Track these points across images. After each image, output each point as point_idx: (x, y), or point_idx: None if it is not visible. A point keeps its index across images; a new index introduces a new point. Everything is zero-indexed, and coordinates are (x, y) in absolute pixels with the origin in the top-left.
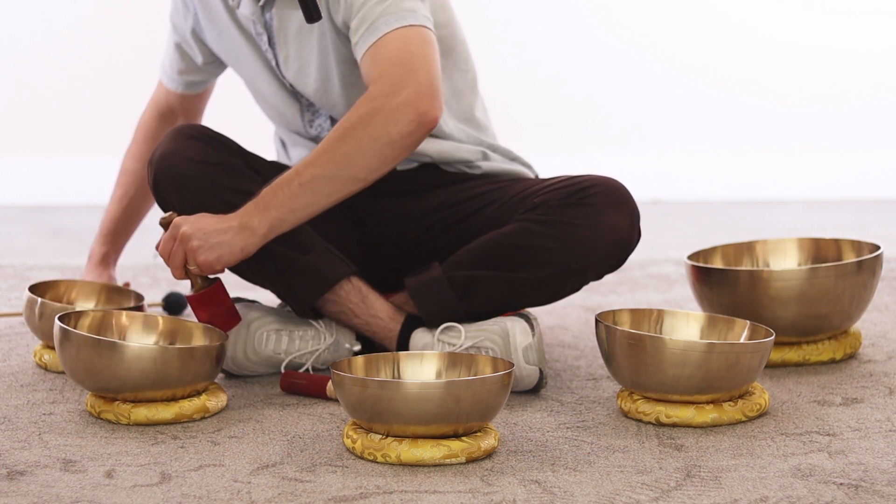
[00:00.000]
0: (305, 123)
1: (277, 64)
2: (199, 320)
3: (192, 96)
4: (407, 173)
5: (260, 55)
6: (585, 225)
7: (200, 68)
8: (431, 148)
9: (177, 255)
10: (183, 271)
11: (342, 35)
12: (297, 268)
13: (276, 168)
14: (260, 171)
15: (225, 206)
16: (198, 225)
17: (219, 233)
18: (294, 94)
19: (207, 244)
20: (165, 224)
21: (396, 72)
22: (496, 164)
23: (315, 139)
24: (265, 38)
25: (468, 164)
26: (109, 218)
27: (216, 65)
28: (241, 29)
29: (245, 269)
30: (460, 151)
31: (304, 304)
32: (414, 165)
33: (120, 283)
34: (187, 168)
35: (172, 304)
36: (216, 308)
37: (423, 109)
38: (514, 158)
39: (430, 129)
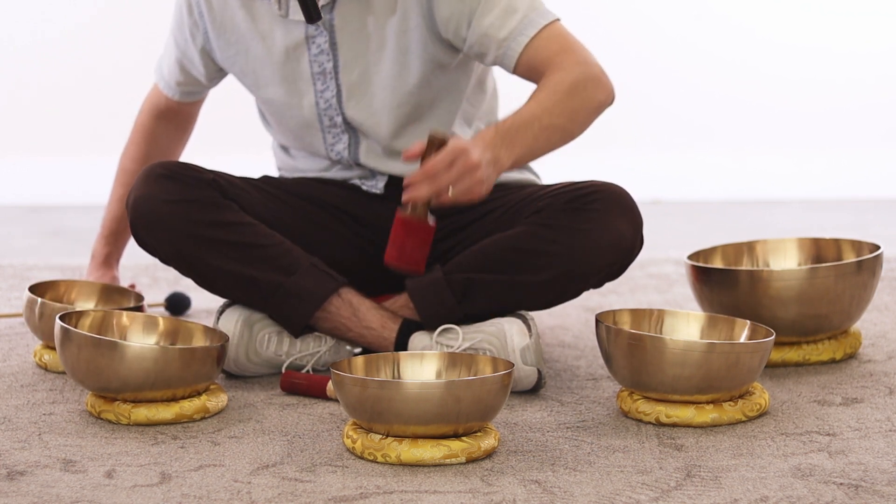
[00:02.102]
0: (327, 147)
1: (336, 67)
2: (390, 249)
3: (189, 102)
4: None
5: (293, 69)
6: (589, 230)
7: (201, 83)
8: None
9: (449, 180)
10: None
11: (439, 39)
12: (284, 291)
13: (254, 186)
14: (237, 197)
15: (202, 241)
16: (485, 157)
17: (487, 165)
18: (319, 113)
19: (485, 177)
20: (438, 142)
21: (577, 50)
22: (507, 173)
23: (336, 161)
24: (324, 41)
25: None
26: (110, 218)
27: (219, 79)
28: (269, 44)
29: (234, 296)
30: None
31: (296, 327)
32: None
33: (124, 284)
34: (161, 210)
35: (174, 304)
36: (417, 243)
37: (611, 86)
38: (523, 166)
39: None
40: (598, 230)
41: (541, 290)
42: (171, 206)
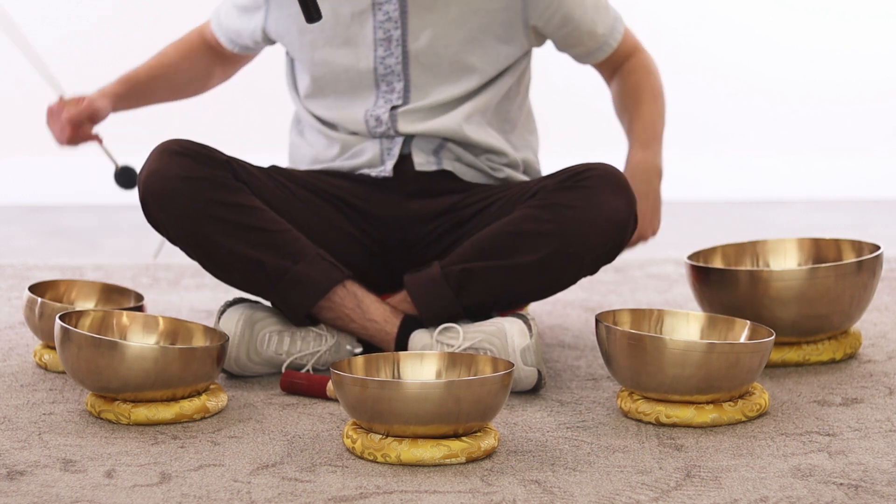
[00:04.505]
0: (368, 111)
1: (404, 35)
2: None
3: (242, 55)
4: (424, 175)
5: (356, 33)
6: (581, 207)
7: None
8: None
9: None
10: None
11: (525, 25)
12: (290, 278)
13: (265, 173)
14: (248, 182)
15: (212, 220)
16: (654, 217)
17: (657, 196)
18: (377, 79)
19: (658, 217)
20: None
21: (643, 52)
22: (516, 173)
23: (366, 129)
24: (393, 8)
25: (492, 157)
26: (134, 71)
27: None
28: (334, 6)
29: (239, 280)
30: (500, 143)
31: (299, 314)
32: (433, 168)
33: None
34: (173, 186)
35: (124, 178)
36: None
37: None
38: (526, 170)
39: None
40: (591, 206)
41: (536, 273)
42: (184, 182)
